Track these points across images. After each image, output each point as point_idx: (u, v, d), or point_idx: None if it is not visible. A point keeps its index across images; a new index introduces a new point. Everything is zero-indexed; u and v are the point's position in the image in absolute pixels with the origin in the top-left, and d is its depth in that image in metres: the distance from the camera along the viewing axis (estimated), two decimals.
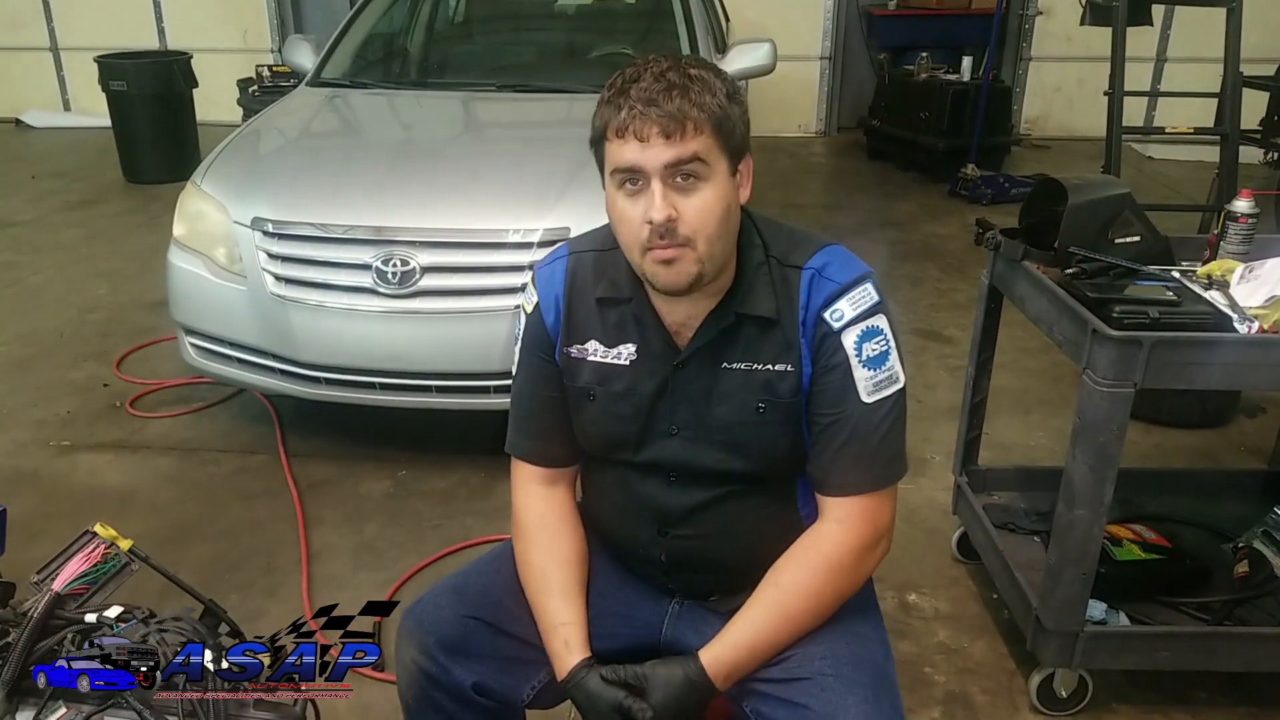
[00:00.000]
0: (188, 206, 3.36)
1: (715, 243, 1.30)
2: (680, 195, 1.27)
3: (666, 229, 1.27)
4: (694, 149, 1.25)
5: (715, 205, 1.28)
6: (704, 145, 1.26)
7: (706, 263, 1.31)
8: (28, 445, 3.45)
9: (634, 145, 1.26)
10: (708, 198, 1.28)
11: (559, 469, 1.57)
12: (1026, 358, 4.01)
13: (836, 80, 8.95)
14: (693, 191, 1.27)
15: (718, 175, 1.28)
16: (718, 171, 1.28)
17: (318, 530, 2.94)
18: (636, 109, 1.25)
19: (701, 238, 1.29)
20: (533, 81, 4.30)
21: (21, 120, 9.16)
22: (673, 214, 1.27)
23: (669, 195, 1.27)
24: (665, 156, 1.25)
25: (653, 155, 1.25)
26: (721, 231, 1.30)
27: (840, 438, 1.38)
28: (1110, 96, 4.27)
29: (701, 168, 1.27)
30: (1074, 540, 2.00)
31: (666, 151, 1.25)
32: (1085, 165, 7.24)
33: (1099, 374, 1.88)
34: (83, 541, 1.37)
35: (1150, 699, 2.28)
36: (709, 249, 1.30)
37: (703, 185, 1.27)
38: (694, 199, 1.27)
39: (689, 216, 1.27)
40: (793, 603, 1.38)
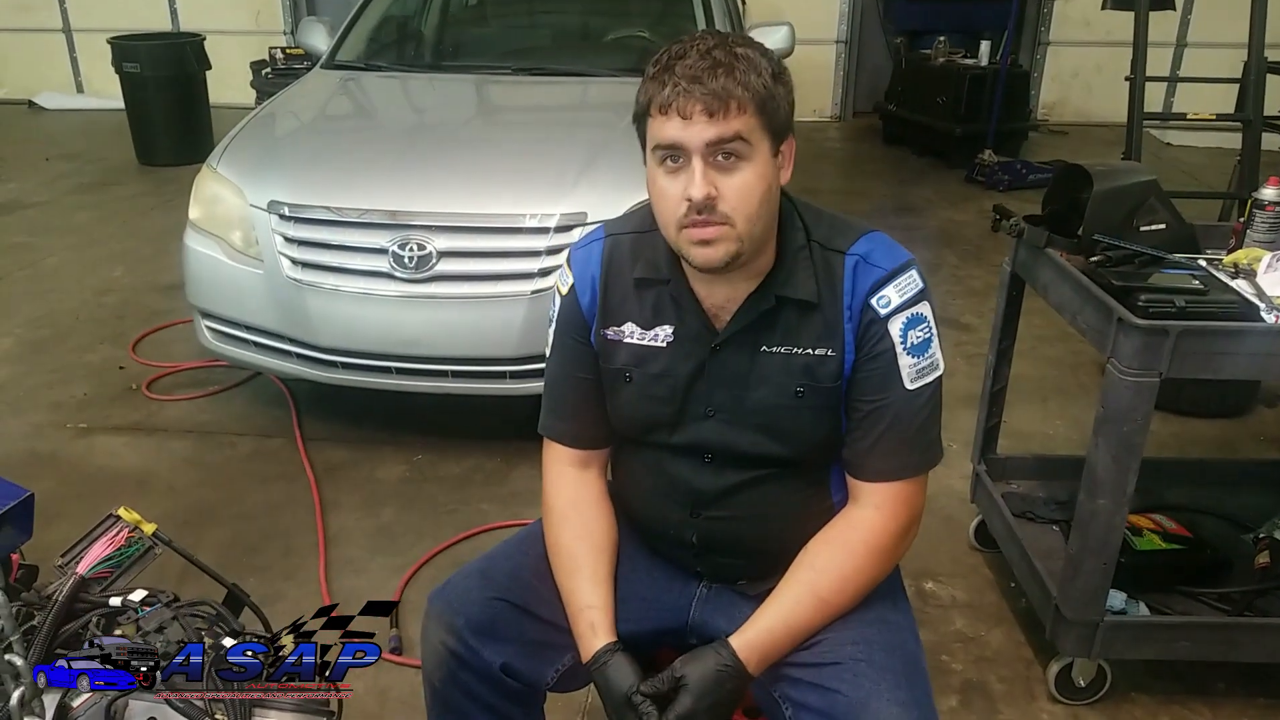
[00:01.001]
0: (204, 189, 3.35)
1: (755, 222, 1.29)
2: (721, 174, 1.26)
3: (705, 206, 1.26)
4: (736, 128, 1.24)
5: (756, 185, 1.27)
6: (747, 124, 1.25)
7: (745, 241, 1.30)
8: (45, 427, 3.46)
9: (677, 122, 1.25)
10: (748, 177, 1.27)
11: (591, 451, 1.56)
12: (1044, 345, 3.99)
13: (852, 64, 8.90)
14: (734, 170, 1.26)
15: (759, 155, 1.27)
16: (759, 151, 1.27)
17: (334, 514, 2.95)
18: (681, 85, 1.24)
19: (741, 216, 1.28)
20: (549, 65, 4.27)
21: (34, 102, 9.17)
22: (712, 192, 1.26)
23: (709, 173, 1.26)
24: (708, 134, 1.24)
25: (695, 133, 1.24)
26: (761, 211, 1.29)
27: (882, 424, 1.38)
28: (1131, 82, 4.23)
29: (743, 147, 1.25)
30: (1095, 530, 1.99)
31: (709, 129, 1.24)
32: (1103, 151, 7.18)
33: (1124, 363, 1.86)
34: (106, 525, 1.37)
35: (1169, 689, 2.27)
36: (748, 228, 1.29)
37: (744, 164, 1.26)
38: (735, 178, 1.26)
39: (729, 195, 1.26)
40: (826, 586, 1.38)
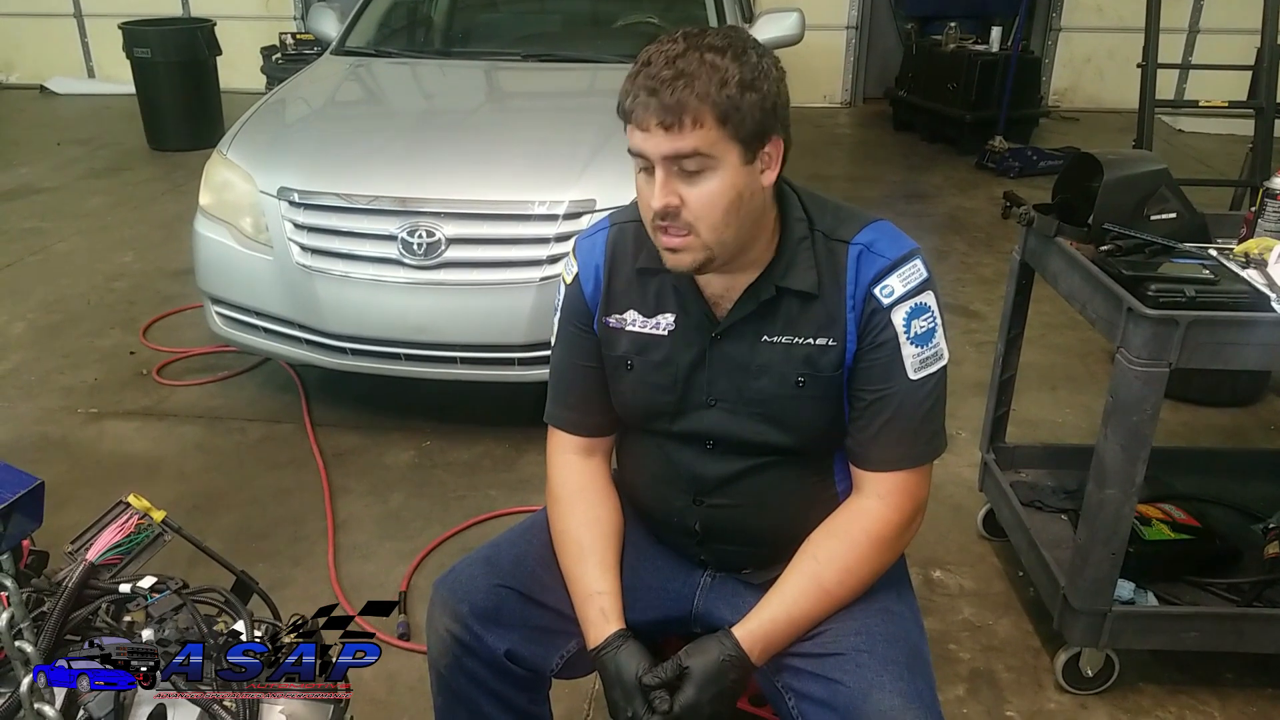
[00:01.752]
0: (214, 176, 3.36)
1: (721, 230, 1.28)
2: (685, 183, 1.25)
3: (668, 214, 1.26)
4: (693, 143, 1.22)
5: (720, 195, 1.25)
6: (705, 139, 1.22)
7: (714, 248, 1.29)
8: (56, 412, 3.48)
9: (638, 133, 1.24)
10: (712, 188, 1.25)
11: (596, 439, 1.56)
12: (1053, 333, 3.98)
13: (863, 50, 8.86)
14: (697, 181, 1.25)
15: (725, 165, 1.24)
16: (725, 162, 1.24)
17: (343, 499, 2.96)
18: (640, 97, 1.22)
19: (704, 226, 1.27)
20: (558, 51, 4.27)
21: (46, 87, 9.19)
22: (673, 201, 1.25)
23: (671, 182, 1.25)
24: (664, 148, 1.23)
25: (653, 145, 1.23)
26: (729, 219, 1.28)
27: (885, 414, 1.37)
28: (1143, 69, 4.20)
29: (704, 160, 1.23)
30: (1104, 520, 1.98)
31: (665, 143, 1.22)
32: (1115, 138, 7.14)
33: (1133, 353, 1.85)
34: (116, 512, 1.37)
35: (1176, 679, 2.27)
36: (714, 236, 1.28)
37: (708, 175, 1.24)
38: (698, 188, 1.25)
39: (692, 204, 1.26)
40: (830, 576, 1.38)
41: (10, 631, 1.05)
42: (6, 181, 6.32)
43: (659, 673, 1.35)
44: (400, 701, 2.20)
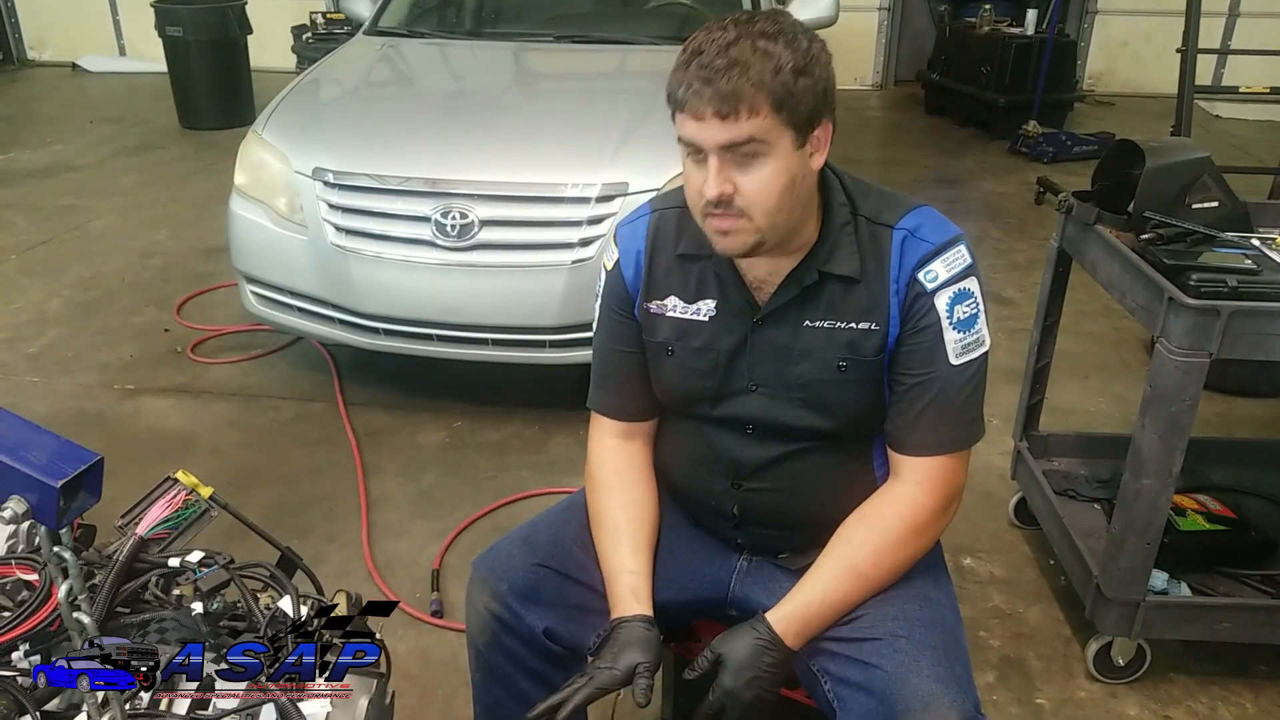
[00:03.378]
0: (249, 155, 3.38)
1: (774, 215, 1.28)
2: (738, 170, 1.26)
3: (722, 202, 1.26)
4: (749, 130, 1.22)
5: (774, 181, 1.26)
6: (760, 126, 1.22)
7: (766, 232, 1.30)
8: (93, 388, 3.53)
9: (692, 123, 1.24)
10: (766, 174, 1.26)
11: (636, 423, 1.57)
12: (1087, 321, 3.95)
13: (895, 32, 8.78)
14: (750, 167, 1.25)
15: (779, 150, 1.25)
16: (779, 147, 1.25)
17: (376, 478, 2.99)
18: (694, 87, 1.22)
19: (758, 211, 1.27)
20: (590, 32, 4.26)
21: (78, 65, 9.26)
22: (727, 189, 1.26)
23: (725, 170, 1.25)
24: (720, 137, 1.23)
25: (709, 134, 1.23)
26: (782, 204, 1.28)
27: (925, 399, 1.37)
28: (1183, 53, 4.15)
29: (759, 146, 1.24)
30: (1140, 510, 1.98)
31: (721, 132, 1.22)
32: (1151, 123, 7.05)
33: (1173, 343, 1.84)
34: (165, 487, 1.40)
35: (1208, 670, 2.26)
36: (767, 221, 1.28)
37: (762, 161, 1.25)
38: (752, 175, 1.26)
39: (746, 191, 1.26)
40: (865, 561, 1.38)
41: (69, 601, 1.07)
42: (41, 159, 6.38)
43: (695, 666, 1.36)
44: (434, 677, 2.23)
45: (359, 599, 1.38)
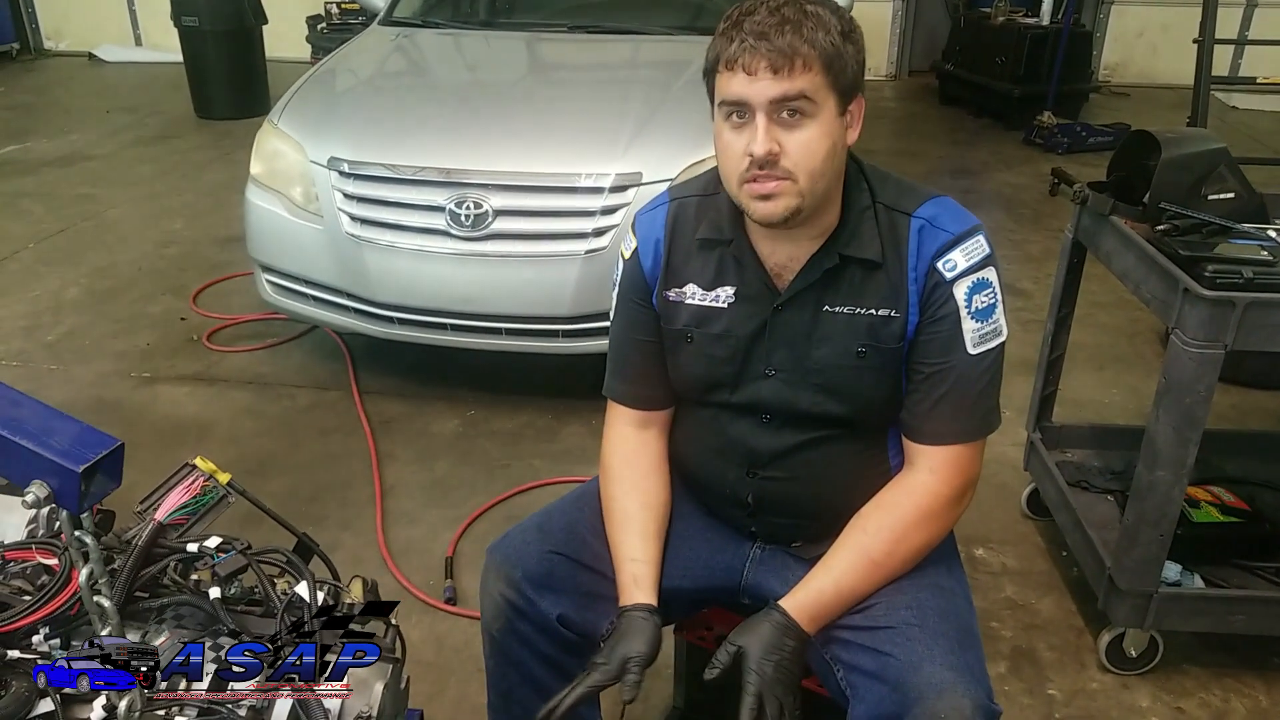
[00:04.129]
0: (265, 145, 3.40)
1: (817, 179, 1.29)
2: (785, 130, 1.27)
3: (768, 161, 1.27)
4: (801, 86, 1.24)
5: (820, 143, 1.27)
6: (812, 83, 1.25)
7: (807, 197, 1.30)
8: (110, 376, 3.56)
9: (742, 78, 1.25)
10: (812, 134, 1.27)
11: (652, 412, 1.58)
12: (1101, 312, 3.94)
13: (910, 22, 8.75)
14: (798, 127, 1.27)
15: (825, 113, 1.27)
16: (825, 109, 1.27)
17: (390, 466, 3.01)
18: (748, 42, 1.24)
19: (803, 172, 1.28)
20: (604, 22, 4.25)
21: (94, 55, 9.31)
22: (774, 148, 1.26)
23: (773, 129, 1.26)
24: (772, 92, 1.24)
25: (760, 89, 1.24)
26: (824, 169, 1.29)
27: (942, 388, 1.38)
28: (1200, 44, 4.12)
29: (808, 104, 1.25)
30: (1153, 501, 1.97)
31: (773, 87, 1.24)
32: (1167, 114, 7.01)
33: (1188, 334, 1.84)
34: (183, 473, 1.42)
35: (1221, 662, 2.26)
36: (810, 184, 1.29)
37: (809, 122, 1.27)
38: (798, 134, 1.27)
39: (792, 151, 1.27)
40: (878, 548, 1.39)
41: (90, 585, 1.09)
42: (58, 148, 6.42)
43: (715, 663, 1.35)
44: (448, 663, 2.24)
45: (374, 585, 1.40)
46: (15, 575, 1.33)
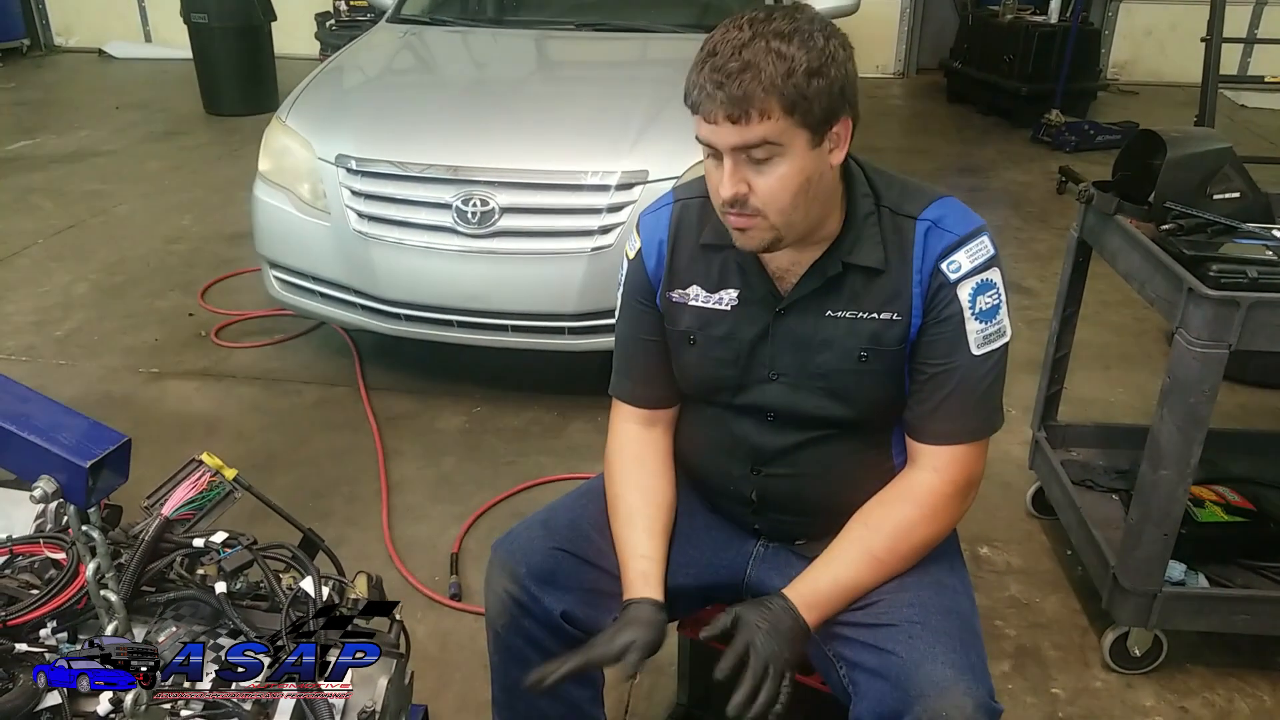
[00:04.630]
0: (273, 142, 3.41)
1: (789, 214, 1.29)
2: (753, 170, 1.27)
3: (736, 201, 1.28)
4: (760, 133, 1.22)
5: (789, 180, 1.27)
6: (773, 129, 1.22)
7: (783, 230, 1.31)
8: (119, 371, 3.57)
9: (705, 124, 1.25)
10: (780, 174, 1.26)
11: (657, 410, 1.59)
12: (1108, 311, 3.93)
13: (917, 20, 8.74)
14: (765, 168, 1.26)
15: (793, 151, 1.25)
16: (792, 149, 1.25)
17: (397, 462, 3.02)
18: (706, 89, 1.23)
19: (772, 210, 1.28)
20: (612, 20, 4.26)
21: (104, 51, 9.34)
22: (741, 190, 1.27)
23: (740, 170, 1.26)
24: (732, 139, 1.24)
25: (721, 137, 1.24)
26: (797, 203, 1.29)
27: (946, 388, 1.38)
28: (1208, 43, 4.11)
29: (772, 148, 1.24)
30: (1157, 500, 1.98)
31: (733, 135, 1.23)
32: (1175, 113, 6.99)
33: (1193, 334, 1.84)
34: (190, 469, 1.43)
35: (1226, 661, 2.26)
36: (782, 219, 1.29)
37: (778, 161, 1.25)
38: (766, 176, 1.26)
39: (760, 191, 1.27)
40: (880, 544, 1.40)
41: (97, 579, 1.10)
42: (68, 144, 6.45)
43: (714, 625, 1.36)
44: (453, 659, 2.25)
45: (379, 581, 1.40)
46: (23, 569, 1.35)
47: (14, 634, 1.21)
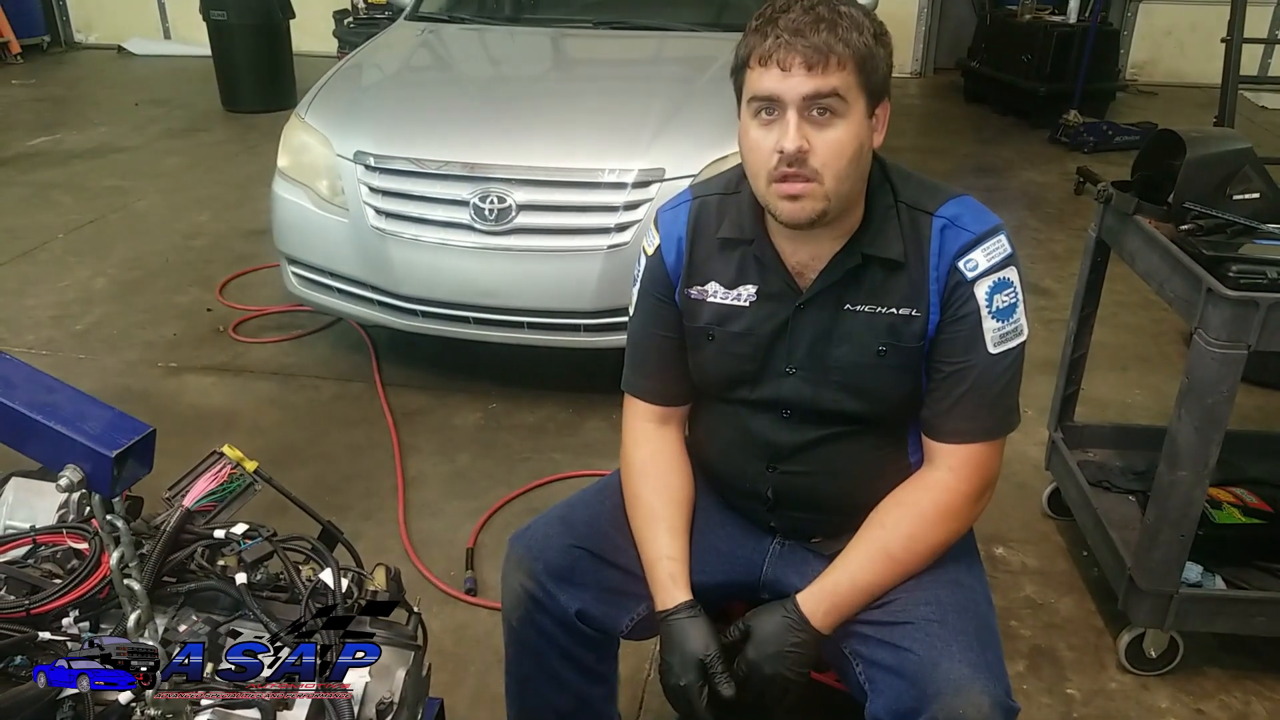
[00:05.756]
0: (292, 138, 3.43)
1: (843, 180, 1.30)
2: (814, 128, 1.27)
3: (796, 159, 1.27)
4: (834, 84, 1.25)
5: (848, 143, 1.28)
6: (844, 81, 1.26)
7: (833, 199, 1.31)
8: (137, 365, 3.60)
9: (775, 74, 1.26)
10: (842, 134, 1.27)
11: (672, 407, 1.59)
12: (1125, 312, 3.92)
13: (935, 19, 8.71)
14: (827, 126, 1.27)
15: (854, 114, 1.28)
16: (855, 110, 1.28)
17: (412, 458, 3.03)
18: (784, 38, 1.25)
19: (830, 173, 1.28)
20: (629, 18, 4.26)
21: (124, 47, 9.40)
22: (805, 145, 1.27)
23: (803, 127, 1.27)
24: (805, 88, 1.25)
25: (793, 85, 1.25)
26: (850, 170, 1.30)
27: (962, 387, 1.38)
28: (1228, 43, 4.09)
29: (839, 104, 1.26)
30: (1175, 502, 1.97)
31: (807, 83, 1.25)
32: (1195, 114, 6.95)
33: (1211, 334, 1.83)
34: (211, 461, 1.44)
35: (1242, 664, 2.25)
36: (836, 185, 1.30)
37: (838, 121, 1.27)
38: (828, 133, 1.27)
39: (821, 149, 1.27)
40: (896, 544, 1.40)
41: (120, 568, 1.11)
42: (88, 140, 6.49)
43: (728, 635, 1.39)
44: (468, 653, 2.26)
45: (397, 573, 1.41)
46: (46, 559, 1.36)
47: (38, 622, 1.23)
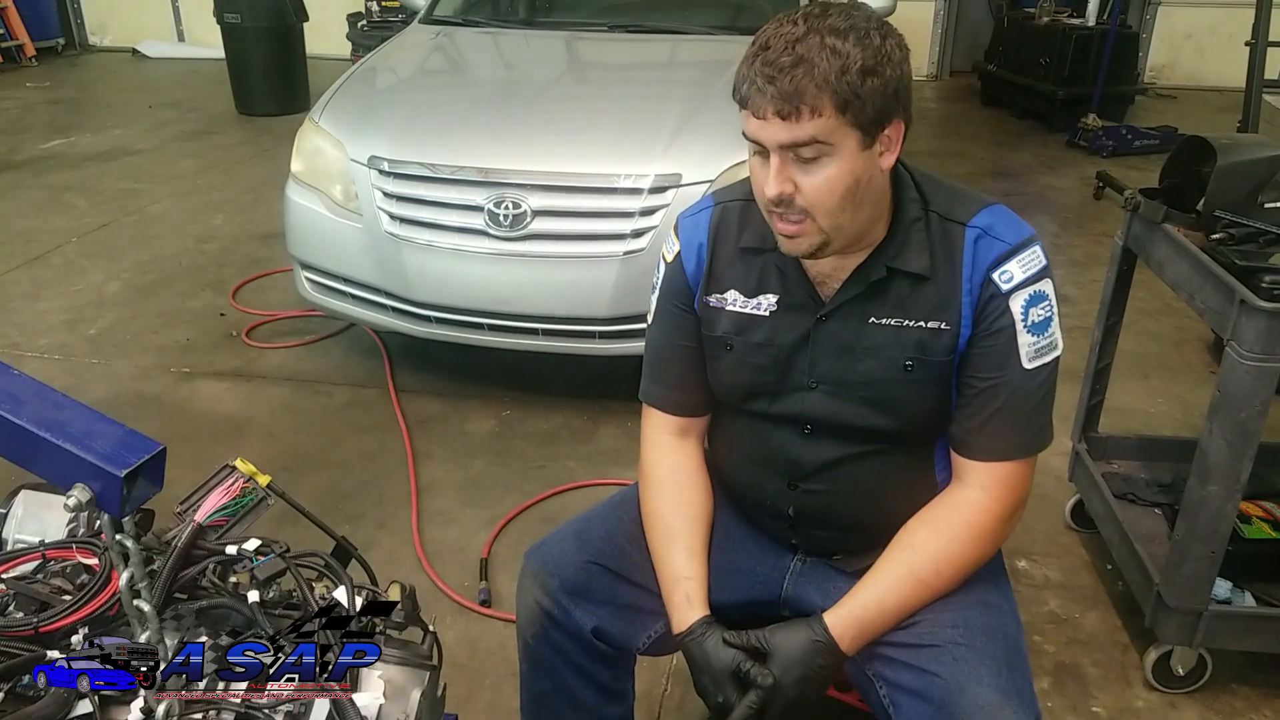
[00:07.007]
0: (306, 143, 3.41)
1: (837, 216, 1.25)
2: (801, 169, 1.23)
3: (783, 202, 1.24)
4: (810, 132, 1.19)
5: (837, 182, 1.23)
6: (822, 127, 1.19)
7: (831, 234, 1.27)
8: (150, 370, 3.59)
9: (754, 120, 1.22)
10: (831, 173, 1.22)
11: (691, 419, 1.55)
12: (1147, 320, 3.87)
13: (951, 22, 8.67)
14: (814, 167, 1.22)
15: (843, 151, 1.21)
16: (843, 149, 1.21)
17: (426, 465, 3.01)
18: (757, 83, 1.19)
19: (820, 212, 1.25)
20: (644, 21, 4.23)
21: (138, 50, 9.43)
22: (788, 189, 1.23)
23: (786, 169, 1.23)
24: (781, 136, 1.20)
25: (771, 133, 1.21)
26: (845, 205, 1.25)
27: (995, 403, 1.34)
28: (1252, 47, 4.03)
29: (822, 148, 1.20)
30: (1205, 517, 1.93)
31: (782, 132, 1.20)
32: (1215, 118, 6.88)
33: (1245, 347, 1.79)
34: (223, 475, 1.41)
35: (1272, 682, 2.20)
36: (830, 222, 1.26)
37: (826, 161, 1.22)
38: (814, 175, 1.23)
39: (808, 191, 1.23)
40: (926, 566, 1.36)
41: (130, 589, 1.08)
42: (101, 143, 6.50)
43: (740, 639, 1.35)
44: (482, 666, 2.23)
45: (412, 590, 1.38)
46: (55, 574, 1.34)
47: (46, 640, 1.20)
